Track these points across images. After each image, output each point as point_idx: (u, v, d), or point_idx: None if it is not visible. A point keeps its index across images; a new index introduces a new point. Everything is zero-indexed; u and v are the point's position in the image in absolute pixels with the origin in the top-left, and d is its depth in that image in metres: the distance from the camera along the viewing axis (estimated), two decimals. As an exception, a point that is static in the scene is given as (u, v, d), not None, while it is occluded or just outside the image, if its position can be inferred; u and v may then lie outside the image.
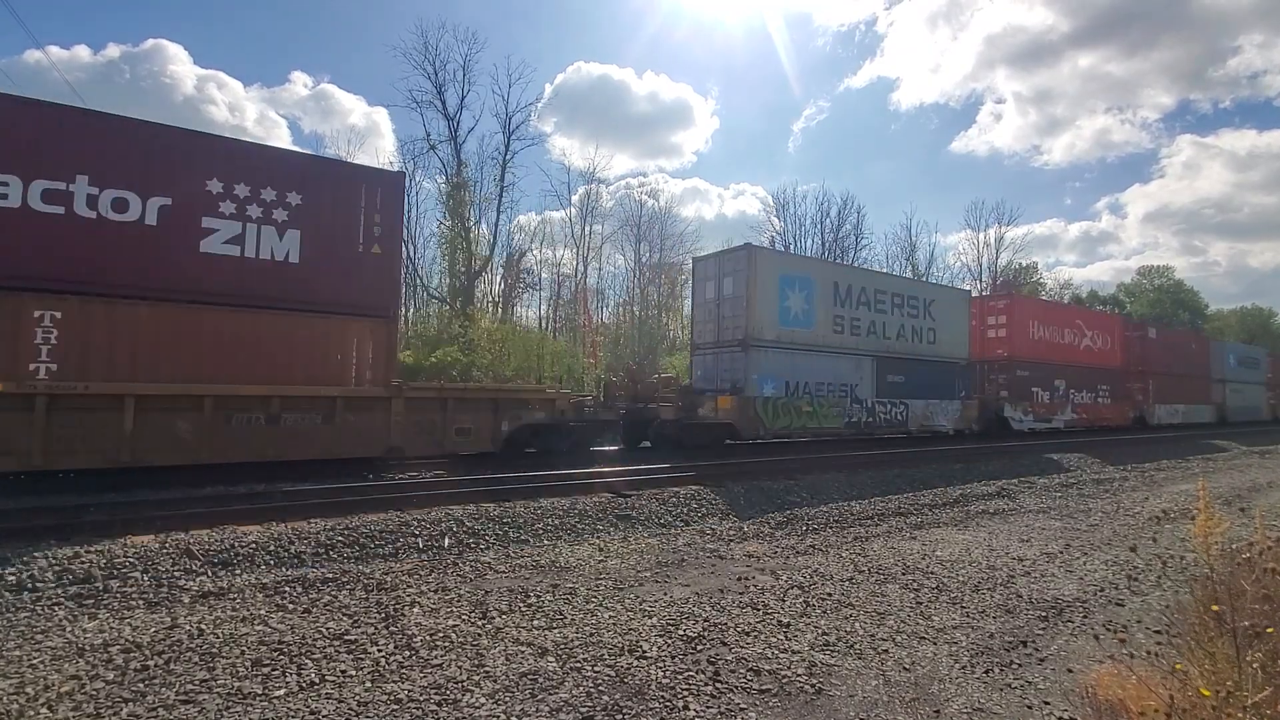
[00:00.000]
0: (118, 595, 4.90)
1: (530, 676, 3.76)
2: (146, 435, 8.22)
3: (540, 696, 3.53)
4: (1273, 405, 39.13)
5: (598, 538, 7.31)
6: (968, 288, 34.88)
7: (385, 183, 10.52)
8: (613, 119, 69.02)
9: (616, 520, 8.06)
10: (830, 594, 5.48)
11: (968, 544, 7.44)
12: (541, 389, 13.19)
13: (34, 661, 3.76)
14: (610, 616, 4.80)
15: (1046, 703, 3.68)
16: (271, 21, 76.11)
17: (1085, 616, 5.13)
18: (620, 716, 3.35)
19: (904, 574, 6.14)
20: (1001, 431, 20.03)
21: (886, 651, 4.31)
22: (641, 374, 15.98)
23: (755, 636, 4.50)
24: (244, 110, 66.27)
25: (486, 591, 5.29)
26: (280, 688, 3.54)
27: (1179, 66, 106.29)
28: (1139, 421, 26.29)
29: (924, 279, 42.93)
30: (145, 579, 5.32)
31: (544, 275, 41.24)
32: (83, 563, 5.47)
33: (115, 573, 5.40)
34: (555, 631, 4.47)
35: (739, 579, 5.86)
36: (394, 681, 3.65)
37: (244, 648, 4.03)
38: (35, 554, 5.51)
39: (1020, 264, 55.26)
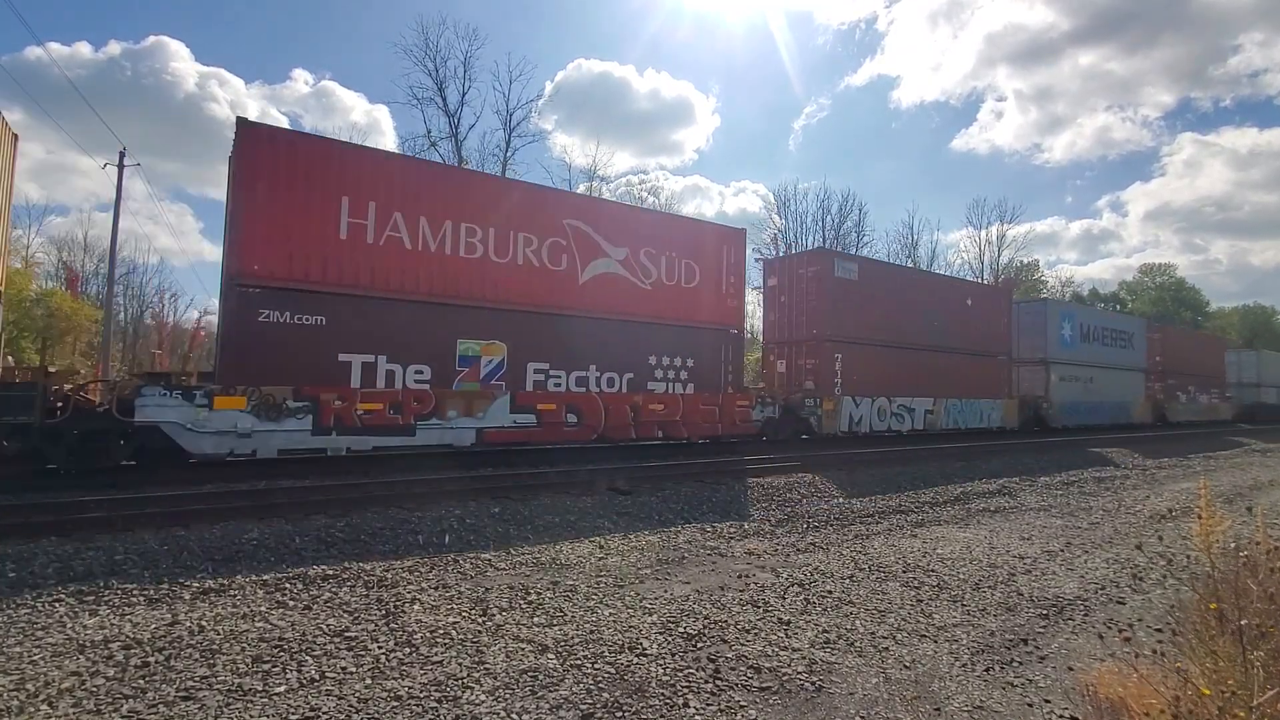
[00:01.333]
0: (118, 592, 4.90)
1: (531, 674, 3.76)
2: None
3: (541, 694, 3.52)
4: (1159, 401, 27.34)
5: (598, 535, 7.31)
6: None
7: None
8: (613, 116, 68.81)
9: (617, 517, 8.05)
10: (831, 591, 5.48)
11: (969, 542, 7.43)
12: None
13: (35, 658, 3.76)
14: (610, 614, 4.79)
15: (1047, 701, 3.67)
16: (273, 19, 76.01)
17: (1086, 615, 5.13)
18: (620, 714, 3.35)
19: (904, 572, 6.13)
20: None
21: (887, 649, 4.31)
22: None
23: (756, 634, 4.49)
24: (245, 108, 66.27)
25: (487, 589, 5.29)
26: (281, 684, 3.54)
27: (1180, 65, 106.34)
28: (796, 429, 15.29)
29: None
30: (146, 575, 5.32)
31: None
32: (83, 559, 5.47)
33: (116, 569, 5.40)
34: (555, 629, 4.47)
35: (739, 576, 5.86)
36: (394, 678, 3.65)
37: (245, 644, 4.03)
38: (36, 550, 5.51)
39: (1022, 261, 55.23)
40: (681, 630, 4.50)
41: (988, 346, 19.81)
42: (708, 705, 3.48)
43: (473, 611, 4.75)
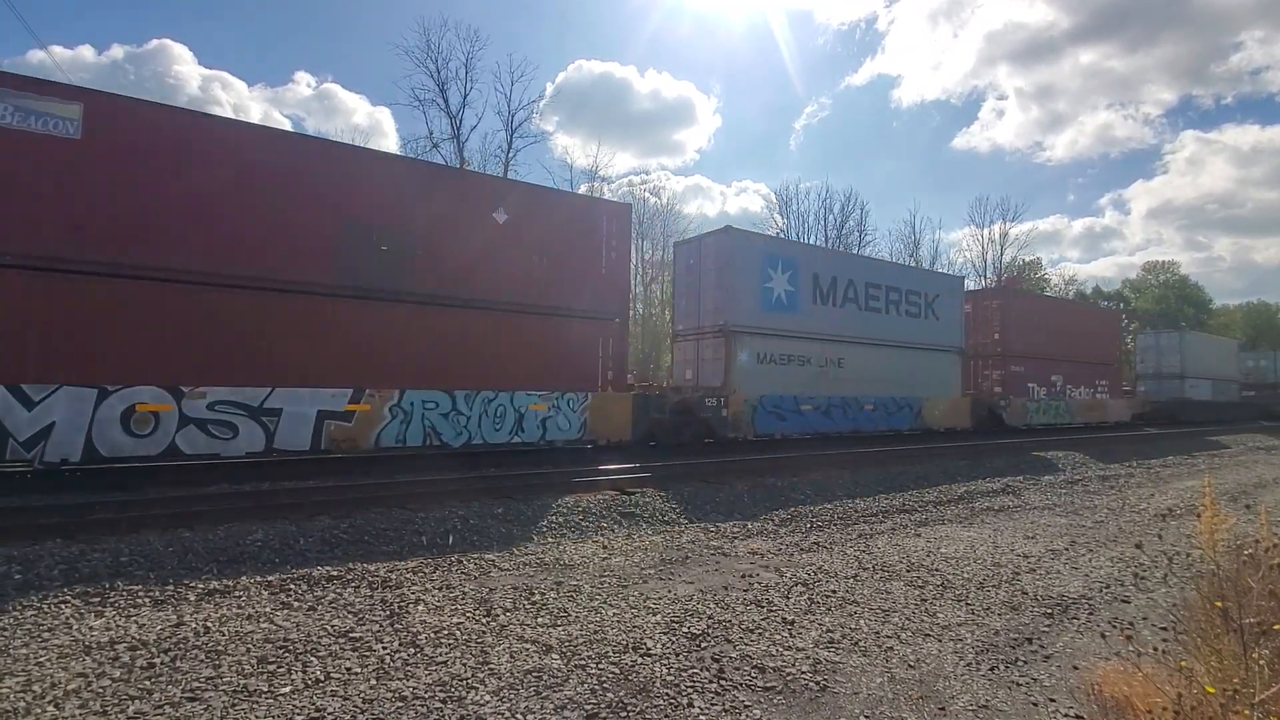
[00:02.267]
0: (124, 593, 4.91)
1: (535, 674, 3.76)
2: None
3: (545, 694, 3.53)
4: (990, 397, 19.81)
5: (601, 535, 7.31)
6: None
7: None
8: (615, 117, 68.64)
9: (620, 517, 8.06)
10: (834, 591, 5.48)
11: (973, 541, 7.43)
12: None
13: (41, 659, 3.77)
14: (614, 614, 4.80)
15: (1052, 700, 3.67)
16: (275, 21, 76.15)
17: (1091, 614, 5.12)
18: (625, 714, 3.35)
19: (908, 571, 6.13)
20: None
21: (891, 649, 4.31)
22: None
23: (760, 634, 4.49)
24: (248, 110, 66.30)
25: (491, 589, 5.30)
26: (286, 685, 3.55)
27: (1181, 63, 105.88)
28: None
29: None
30: (151, 577, 5.33)
31: (543, 272, 40.99)
32: (89, 561, 5.49)
33: (121, 571, 5.42)
34: (559, 629, 4.47)
35: (743, 576, 5.86)
36: (399, 679, 3.66)
37: (249, 645, 4.04)
38: (42, 552, 5.53)
39: (1024, 260, 55.09)
40: (686, 630, 4.50)
41: (559, 300, 11.27)
42: (712, 705, 3.48)
43: (477, 612, 4.76)
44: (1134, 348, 28.65)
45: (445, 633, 4.33)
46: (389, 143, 60.42)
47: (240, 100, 64.87)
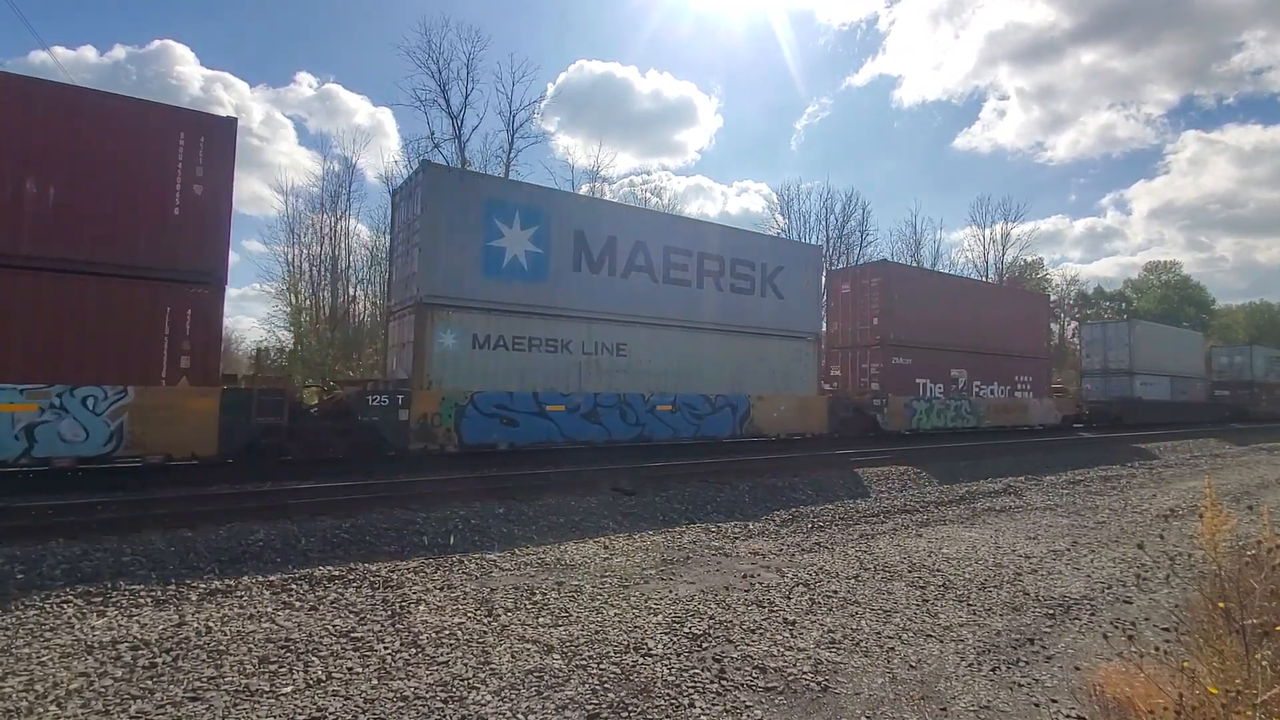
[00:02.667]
0: (126, 593, 4.92)
1: (536, 674, 3.76)
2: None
3: (546, 694, 3.53)
4: (860, 398, 16.28)
5: (603, 535, 7.31)
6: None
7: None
8: (616, 117, 68.51)
9: (621, 517, 8.06)
10: (836, 591, 5.47)
11: (974, 541, 7.42)
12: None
13: (43, 659, 3.78)
14: (616, 614, 4.80)
15: (1054, 700, 3.66)
16: (276, 22, 76.25)
17: (1093, 614, 5.11)
18: (626, 714, 3.35)
19: (910, 571, 6.13)
20: None
21: (893, 649, 4.30)
22: None
23: (761, 634, 4.49)
24: (250, 111, 66.34)
25: (492, 589, 5.30)
26: (287, 685, 3.55)
27: (1182, 62, 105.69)
28: None
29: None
30: (153, 577, 5.34)
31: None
32: (91, 561, 5.50)
33: (123, 570, 5.43)
34: (561, 629, 4.47)
35: (744, 576, 5.86)
36: (400, 679, 3.66)
37: (251, 645, 4.05)
38: (44, 552, 5.54)
39: (1026, 260, 54.99)
40: (687, 630, 4.50)
41: (79, 250, 7.83)
42: (713, 705, 3.48)
43: (478, 612, 4.76)
44: (1078, 340, 25.51)
45: (447, 633, 4.34)
46: (390, 143, 60.61)
47: (242, 100, 65.01)
